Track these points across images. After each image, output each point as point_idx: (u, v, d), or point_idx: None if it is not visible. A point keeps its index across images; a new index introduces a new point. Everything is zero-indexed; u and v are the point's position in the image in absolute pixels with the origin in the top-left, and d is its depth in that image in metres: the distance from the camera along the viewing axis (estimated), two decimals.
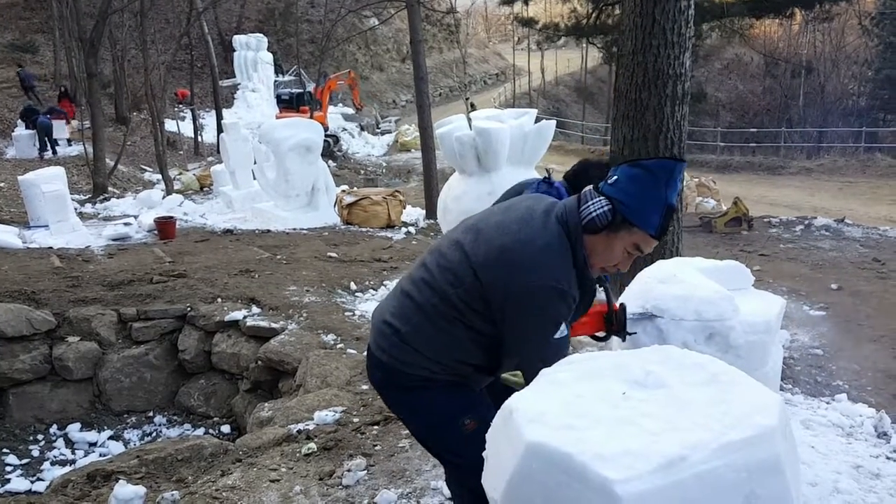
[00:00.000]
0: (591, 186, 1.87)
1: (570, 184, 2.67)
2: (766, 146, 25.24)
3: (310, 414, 3.84)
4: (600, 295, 2.30)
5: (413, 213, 11.81)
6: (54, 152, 17.73)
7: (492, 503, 1.38)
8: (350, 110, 28.10)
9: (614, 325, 2.24)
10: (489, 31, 52.70)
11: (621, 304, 2.30)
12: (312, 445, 3.39)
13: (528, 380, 1.89)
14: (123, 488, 2.94)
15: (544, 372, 1.51)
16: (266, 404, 4.47)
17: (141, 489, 2.99)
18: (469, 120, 6.52)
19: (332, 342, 5.17)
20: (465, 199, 6.17)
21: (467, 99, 26.04)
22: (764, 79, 33.67)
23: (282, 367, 5.08)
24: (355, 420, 3.71)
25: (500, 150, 6.09)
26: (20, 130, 18.04)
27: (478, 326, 1.85)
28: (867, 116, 27.24)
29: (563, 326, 1.79)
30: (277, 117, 20.84)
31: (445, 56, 37.47)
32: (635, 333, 2.42)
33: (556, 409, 1.30)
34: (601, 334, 2.30)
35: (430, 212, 11.74)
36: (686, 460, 1.14)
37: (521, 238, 1.80)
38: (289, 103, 24.26)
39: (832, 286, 6.52)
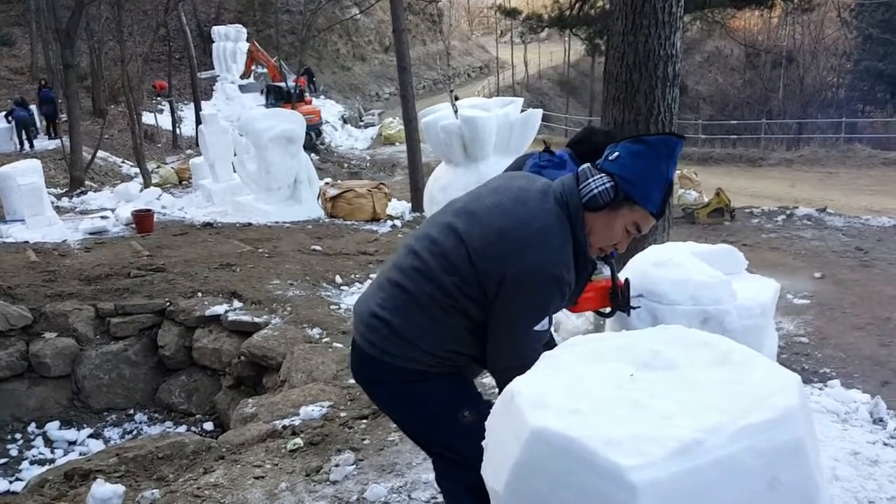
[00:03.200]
0: (589, 164, 1.81)
1: (574, 150, 2.69)
2: (747, 138, 25.35)
3: (295, 409, 3.74)
4: (604, 271, 2.26)
5: (398, 206, 11.67)
6: (31, 146, 17.45)
7: (492, 495, 1.29)
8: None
9: (620, 300, 2.23)
10: (472, 23, 52.53)
11: (625, 279, 2.30)
12: (298, 441, 3.30)
13: (491, 368, 1.82)
14: (101, 487, 2.83)
15: (546, 355, 1.43)
16: (250, 400, 4.36)
17: (120, 488, 2.89)
18: (455, 109, 6.45)
19: (318, 336, 5.07)
20: (451, 190, 6.10)
21: (451, 91, 25.84)
22: (744, 71, 33.82)
23: (265, 363, 4.98)
24: (343, 414, 3.62)
25: (487, 139, 6.02)
26: None
27: (473, 315, 1.77)
28: (847, 107, 27.47)
29: (546, 320, 1.74)
30: None
31: (429, 48, 37.24)
32: (639, 307, 2.43)
33: (561, 393, 1.21)
34: (606, 310, 2.30)
35: (416, 204, 11.61)
36: (703, 445, 1.06)
37: (518, 220, 1.72)
38: (298, 98, 23.41)
39: (815, 275, 6.54)
